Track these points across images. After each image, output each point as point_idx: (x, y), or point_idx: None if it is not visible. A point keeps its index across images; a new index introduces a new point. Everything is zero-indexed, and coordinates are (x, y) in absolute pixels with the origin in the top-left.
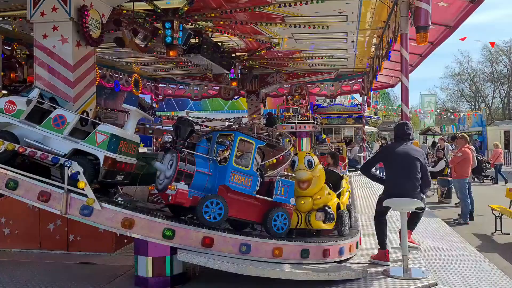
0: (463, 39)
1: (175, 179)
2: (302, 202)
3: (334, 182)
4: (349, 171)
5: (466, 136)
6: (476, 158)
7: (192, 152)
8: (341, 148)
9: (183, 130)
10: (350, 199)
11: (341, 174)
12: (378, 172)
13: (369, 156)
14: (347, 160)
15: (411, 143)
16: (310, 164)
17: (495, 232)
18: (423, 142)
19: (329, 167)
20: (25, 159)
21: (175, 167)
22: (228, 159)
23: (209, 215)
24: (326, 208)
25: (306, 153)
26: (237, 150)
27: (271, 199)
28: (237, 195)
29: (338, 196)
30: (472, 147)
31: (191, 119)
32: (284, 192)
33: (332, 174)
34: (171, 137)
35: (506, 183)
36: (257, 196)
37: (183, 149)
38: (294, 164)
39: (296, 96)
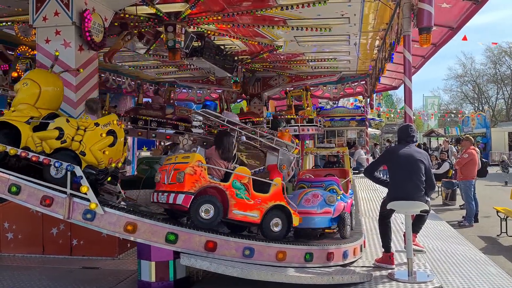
0: (464, 39)
1: None
2: None
3: None
4: (353, 173)
5: (471, 137)
6: (481, 160)
7: None
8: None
9: None
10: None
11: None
12: (381, 175)
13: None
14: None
15: (415, 145)
16: None
17: (500, 234)
18: (423, 143)
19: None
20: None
21: None
22: None
23: None
24: None
25: None
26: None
27: None
28: None
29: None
30: (477, 149)
31: None
32: None
33: None
34: None
35: None
36: None
37: None
38: None
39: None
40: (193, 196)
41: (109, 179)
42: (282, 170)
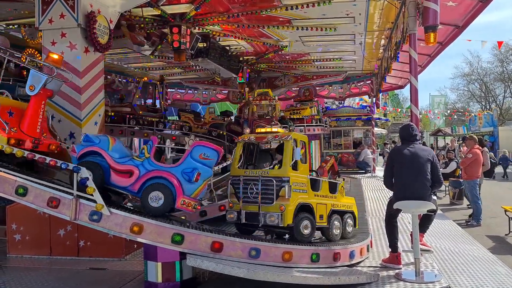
0: (469, 40)
1: None
2: None
3: None
4: (359, 173)
5: (475, 137)
6: (490, 160)
7: None
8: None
9: None
10: None
11: None
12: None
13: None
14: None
15: (419, 143)
16: None
17: (508, 233)
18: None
19: None
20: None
21: None
22: None
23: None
24: None
25: None
26: None
27: None
28: None
29: None
30: (486, 149)
31: None
32: None
33: None
34: None
35: None
36: None
37: None
38: None
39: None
40: None
41: None
42: (30, 90)
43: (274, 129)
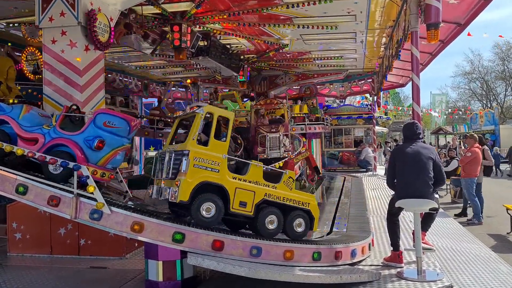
0: (469, 35)
1: None
2: None
3: None
4: (360, 172)
5: (475, 135)
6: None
7: None
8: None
9: None
10: None
11: None
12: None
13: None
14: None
15: (421, 141)
16: None
17: (510, 232)
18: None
19: None
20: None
21: None
22: None
23: None
24: None
25: None
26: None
27: None
28: None
29: None
30: (486, 147)
31: None
32: None
33: None
34: None
35: None
36: None
37: None
38: None
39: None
40: None
41: None
42: None
43: (200, 104)
